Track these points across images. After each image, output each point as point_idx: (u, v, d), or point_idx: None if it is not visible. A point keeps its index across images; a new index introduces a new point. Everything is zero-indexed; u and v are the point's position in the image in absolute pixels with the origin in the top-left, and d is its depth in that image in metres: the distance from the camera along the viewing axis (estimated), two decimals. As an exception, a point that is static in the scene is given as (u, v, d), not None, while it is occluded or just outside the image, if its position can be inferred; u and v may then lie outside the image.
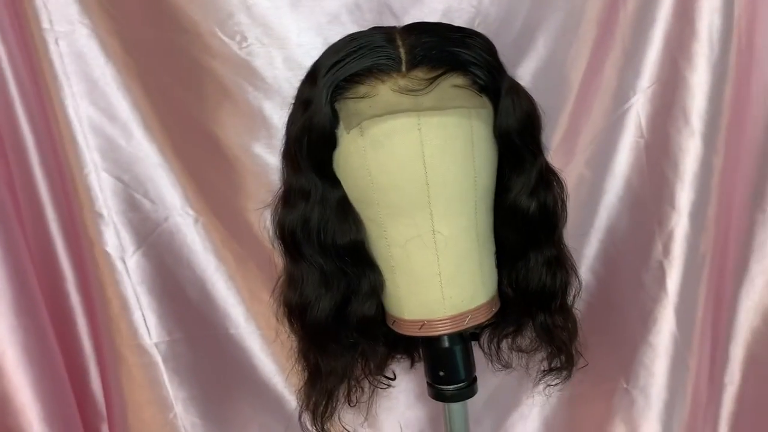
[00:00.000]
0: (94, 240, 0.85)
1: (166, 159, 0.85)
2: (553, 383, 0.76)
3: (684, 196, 0.82)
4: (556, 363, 0.73)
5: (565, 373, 0.74)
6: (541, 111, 0.63)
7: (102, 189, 0.84)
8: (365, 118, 0.55)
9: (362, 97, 0.55)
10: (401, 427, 0.96)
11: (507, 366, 0.78)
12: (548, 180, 0.65)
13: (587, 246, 0.89)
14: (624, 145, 0.85)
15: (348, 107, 0.55)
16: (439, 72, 0.55)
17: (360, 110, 0.55)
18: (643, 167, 0.85)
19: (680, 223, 0.82)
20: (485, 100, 0.58)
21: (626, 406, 0.90)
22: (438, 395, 0.64)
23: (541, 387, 0.77)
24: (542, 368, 0.75)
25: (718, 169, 0.80)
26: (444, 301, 0.59)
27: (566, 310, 0.71)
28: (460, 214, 0.58)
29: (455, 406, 0.66)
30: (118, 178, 0.85)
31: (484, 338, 0.76)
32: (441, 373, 0.63)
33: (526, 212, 0.62)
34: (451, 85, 0.56)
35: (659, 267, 0.85)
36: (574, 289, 0.71)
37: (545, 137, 0.65)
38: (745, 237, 0.86)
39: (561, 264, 0.68)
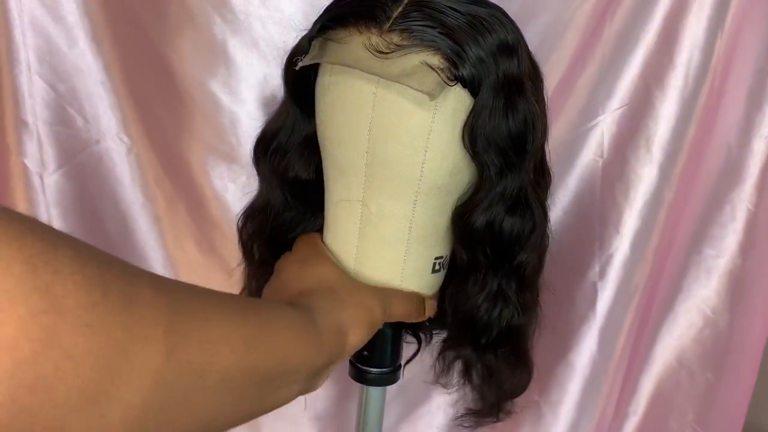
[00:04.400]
0: (12, 148, 0.77)
1: (110, 77, 0.78)
2: (462, 423, 0.68)
3: (630, 222, 0.82)
4: (471, 405, 0.67)
5: (474, 420, 0.67)
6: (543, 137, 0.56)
7: (32, 95, 0.76)
8: (329, 61, 0.52)
9: (337, 41, 0.52)
10: (306, 404, 0.93)
11: (444, 386, 0.69)
12: (519, 206, 0.56)
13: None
14: (582, 162, 0.84)
15: (323, 44, 0.53)
16: (413, 43, 0.50)
17: (328, 50, 0.52)
18: (596, 187, 0.85)
19: (621, 249, 0.83)
20: (463, 94, 0.51)
21: (534, 419, 0.91)
22: (359, 376, 0.61)
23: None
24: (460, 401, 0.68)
25: (667, 203, 0.81)
26: (354, 277, 0.57)
27: (503, 357, 0.62)
28: (394, 200, 0.54)
29: (374, 391, 0.63)
30: (53, 87, 0.77)
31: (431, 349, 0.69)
32: (365, 353, 0.60)
33: (470, 226, 0.55)
34: (422, 62, 0.49)
35: (592, 288, 0.85)
36: (526, 341, 0.62)
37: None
38: (677, 275, 0.87)
39: (507, 300, 0.58)
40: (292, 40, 0.75)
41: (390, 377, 0.61)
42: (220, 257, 0.89)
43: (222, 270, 0.88)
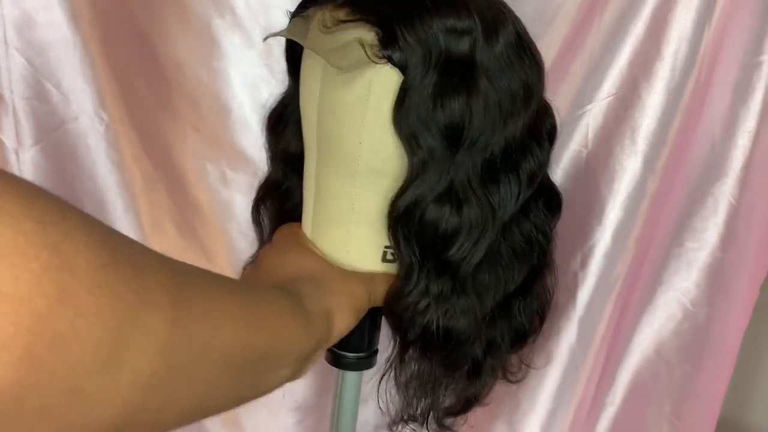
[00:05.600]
0: (-13, 123, 0.75)
1: (89, 52, 0.76)
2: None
3: (613, 213, 0.82)
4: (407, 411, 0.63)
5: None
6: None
7: (9, 69, 0.75)
8: (286, 35, 0.54)
9: (306, 17, 0.53)
10: (284, 394, 0.92)
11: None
12: (451, 199, 0.52)
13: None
14: (567, 152, 0.84)
15: (298, 20, 0.54)
16: (355, 18, 0.49)
17: (295, 26, 0.54)
18: (580, 177, 0.84)
19: (603, 239, 0.82)
20: (397, 74, 0.49)
21: (511, 407, 0.91)
22: (335, 361, 0.60)
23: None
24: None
25: (650, 194, 0.81)
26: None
27: (439, 363, 0.58)
28: (337, 178, 0.55)
29: (350, 375, 0.62)
30: (30, 61, 0.75)
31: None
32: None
33: (392, 211, 0.53)
34: (356, 38, 0.49)
35: (573, 278, 0.85)
36: (475, 350, 0.58)
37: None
38: (658, 267, 0.87)
39: (433, 299, 0.54)
40: (275, 19, 0.74)
41: (367, 362, 0.61)
42: (200, 241, 0.88)
43: (202, 254, 0.87)
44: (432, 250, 0.53)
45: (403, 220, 0.52)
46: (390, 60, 0.48)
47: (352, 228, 0.56)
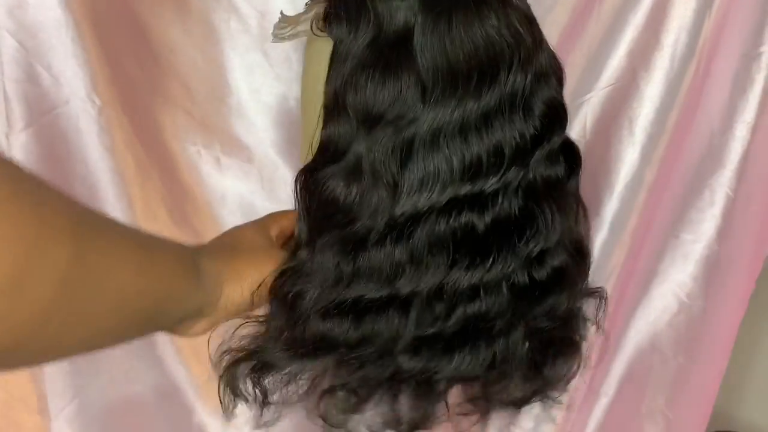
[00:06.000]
0: (-24, 105, 0.74)
1: (81, 34, 0.74)
2: None
3: (610, 204, 0.81)
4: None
5: None
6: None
7: (0, 51, 0.73)
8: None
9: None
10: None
11: None
12: (354, 174, 0.48)
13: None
14: (565, 142, 0.83)
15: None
16: None
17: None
18: (577, 168, 0.84)
19: (601, 230, 0.82)
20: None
21: (505, 398, 0.90)
22: None
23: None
24: None
25: (648, 185, 0.81)
26: None
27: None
28: (302, 152, 0.57)
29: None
30: (21, 43, 0.74)
31: None
32: None
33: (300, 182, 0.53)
34: (316, 11, 0.51)
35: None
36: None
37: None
38: (654, 258, 0.87)
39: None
40: (272, 4, 0.73)
41: None
42: (193, 228, 0.87)
43: (194, 242, 0.86)
44: (328, 224, 0.49)
45: (303, 191, 0.51)
46: (329, 33, 0.48)
47: None
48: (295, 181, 0.52)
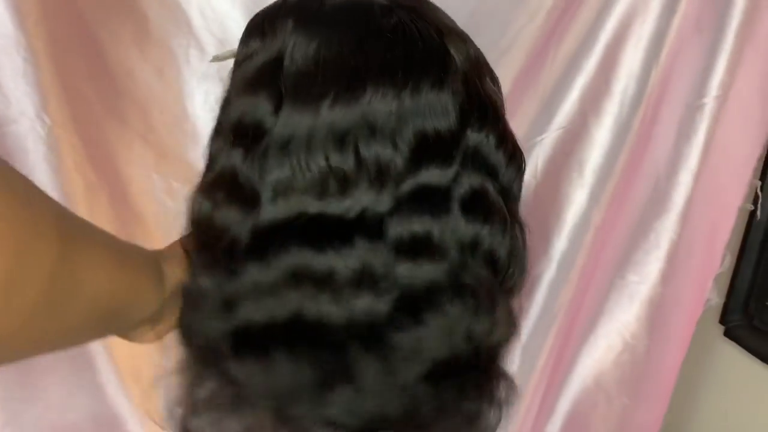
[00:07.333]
0: None
1: (34, 53, 0.73)
2: None
3: (558, 244, 0.83)
4: None
5: None
6: None
7: (-52, 66, 0.72)
8: None
9: None
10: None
11: None
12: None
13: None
14: (517, 182, 0.85)
15: None
16: None
17: None
18: (528, 208, 0.85)
19: (548, 270, 0.83)
20: None
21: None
22: None
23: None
24: None
25: (595, 227, 0.82)
26: None
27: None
28: None
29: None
30: (-29, 59, 0.72)
31: None
32: None
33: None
34: None
35: (518, 308, 0.85)
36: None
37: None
38: (599, 297, 0.89)
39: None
40: (230, 30, 0.73)
41: None
42: (142, 251, 0.85)
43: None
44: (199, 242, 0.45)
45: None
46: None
47: None
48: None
